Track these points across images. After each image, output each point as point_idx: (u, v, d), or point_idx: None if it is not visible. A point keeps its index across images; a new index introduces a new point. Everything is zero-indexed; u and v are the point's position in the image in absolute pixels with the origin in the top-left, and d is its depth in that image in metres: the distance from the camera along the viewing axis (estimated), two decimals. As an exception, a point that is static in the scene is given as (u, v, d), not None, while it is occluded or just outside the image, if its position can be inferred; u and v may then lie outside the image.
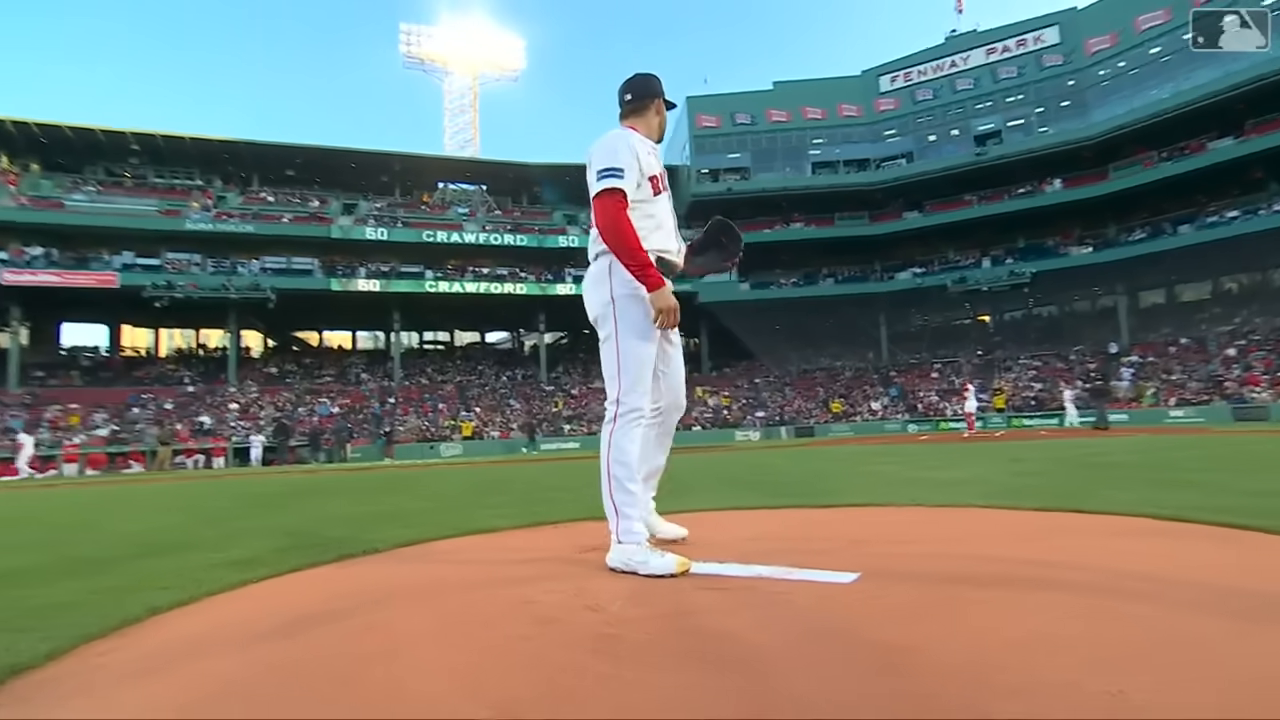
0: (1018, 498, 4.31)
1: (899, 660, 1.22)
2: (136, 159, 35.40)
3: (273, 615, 1.98)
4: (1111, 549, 2.43)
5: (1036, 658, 1.23)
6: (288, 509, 5.98)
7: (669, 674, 1.22)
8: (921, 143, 37.75)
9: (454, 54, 42.01)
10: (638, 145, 2.36)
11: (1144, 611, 1.49)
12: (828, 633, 1.37)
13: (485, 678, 1.27)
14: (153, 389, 30.88)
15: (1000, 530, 2.95)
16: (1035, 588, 1.75)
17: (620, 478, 2.26)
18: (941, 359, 36.95)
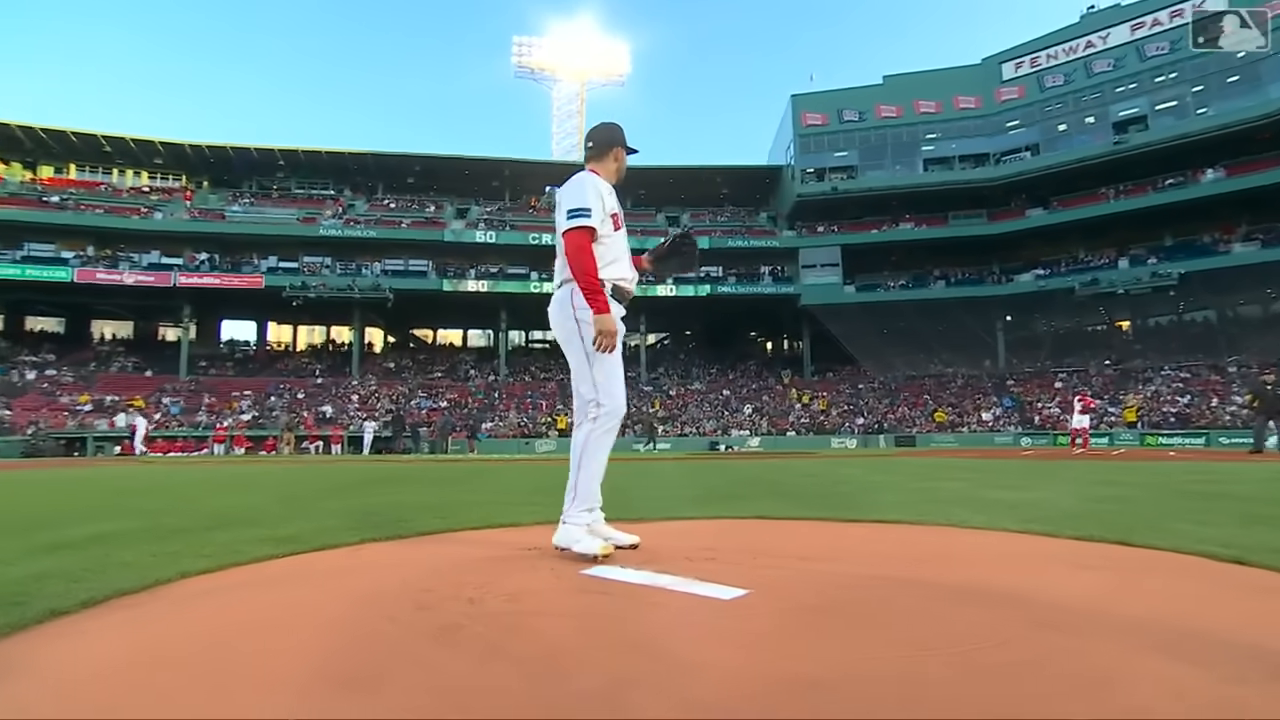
0: (1064, 525, 3.99)
1: (669, 674, 1.26)
2: (282, 172, 39.61)
3: (245, 585, 2.29)
4: (1072, 581, 2.26)
5: (790, 694, 1.22)
6: (359, 495, 6.56)
7: (464, 662, 1.35)
8: (1049, 133, 34.74)
9: (562, 62, 43.57)
10: (601, 187, 2.72)
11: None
12: (633, 644, 1.43)
13: (327, 652, 1.44)
14: (289, 380, 34.38)
15: (979, 555, 2.80)
16: (911, 616, 1.70)
17: (590, 471, 2.62)
18: (1067, 368, 33.84)
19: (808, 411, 33.68)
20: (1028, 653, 1.42)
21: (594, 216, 2.60)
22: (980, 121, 36.18)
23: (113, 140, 36.29)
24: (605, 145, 2.84)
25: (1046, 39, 34.86)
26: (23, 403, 28.74)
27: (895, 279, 37.82)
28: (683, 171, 39.75)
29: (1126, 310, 35.33)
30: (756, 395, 36.02)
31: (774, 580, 2.01)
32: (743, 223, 41.10)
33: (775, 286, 37.05)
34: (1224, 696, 1.25)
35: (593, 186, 2.66)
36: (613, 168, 2.85)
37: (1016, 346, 36.17)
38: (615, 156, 2.85)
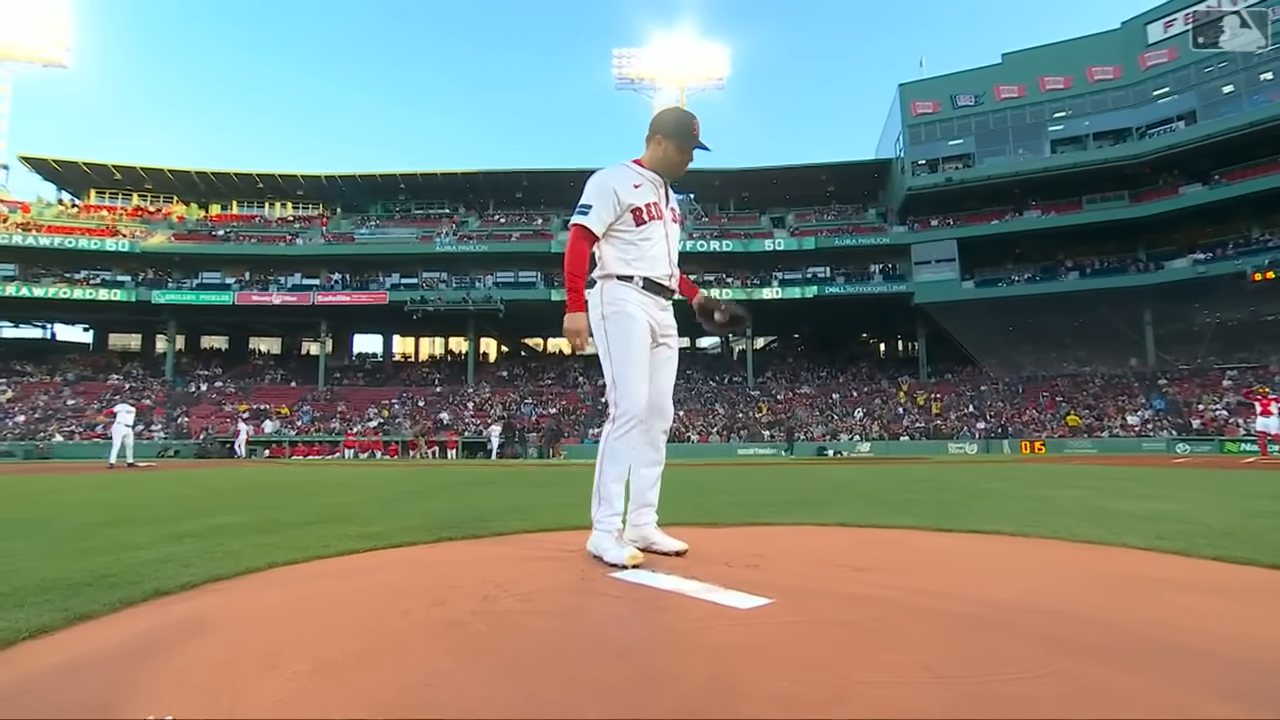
0: (1203, 542, 3.46)
1: (637, 683, 1.19)
2: (403, 195, 42.81)
3: (314, 576, 2.45)
4: (1175, 608, 1.93)
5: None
6: (453, 497, 6.89)
7: (449, 659, 1.36)
8: (1210, 97, 30.73)
9: (661, 70, 43.98)
10: (618, 182, 2.58)
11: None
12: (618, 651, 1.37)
13: (328, 641, 1.50)
14: (412, 389, 36.91)
15: (1068, 573, 2.47)
16: (944, 638, 1.50)
17: (610, 474, 2.56)
18: (1239, 364, 29.70)
19: (923, 415, 31.75)
20: (1067, 689, 1.21)
21: (593, 214, 2.52)
22: (1120, 93, 32.70)
23: (264, 177, 40.87)
24: (653, 132, 2.69)
25: (1201, -8, 30.94)
26: (197, 411, 32.83)
27: (1020, 272, 34.90)
28: (785, 171, 38.86)
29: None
30: (868, 399, 34.43)
31: (807, 590, 1.88)
32: (850, 220, 39.55)
33: (886, 285, 35.29)
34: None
35: (603, 183, 2.57)
36: (658, 155, 2.67)
37: (1170, 341, 32.22)
38: (659, 143, 2.66)
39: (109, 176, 40.53)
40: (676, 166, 2.69)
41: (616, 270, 2.60)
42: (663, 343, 2.71)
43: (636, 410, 2.52)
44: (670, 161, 2.68)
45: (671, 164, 2.68)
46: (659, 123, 2.69)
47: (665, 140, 2.65)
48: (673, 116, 2.72)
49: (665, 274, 2.67)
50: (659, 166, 2.68)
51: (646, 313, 2.59)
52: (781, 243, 36.91)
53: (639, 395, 2.53)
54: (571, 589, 2.01)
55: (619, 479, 2.54)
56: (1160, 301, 31.70)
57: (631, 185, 2.60)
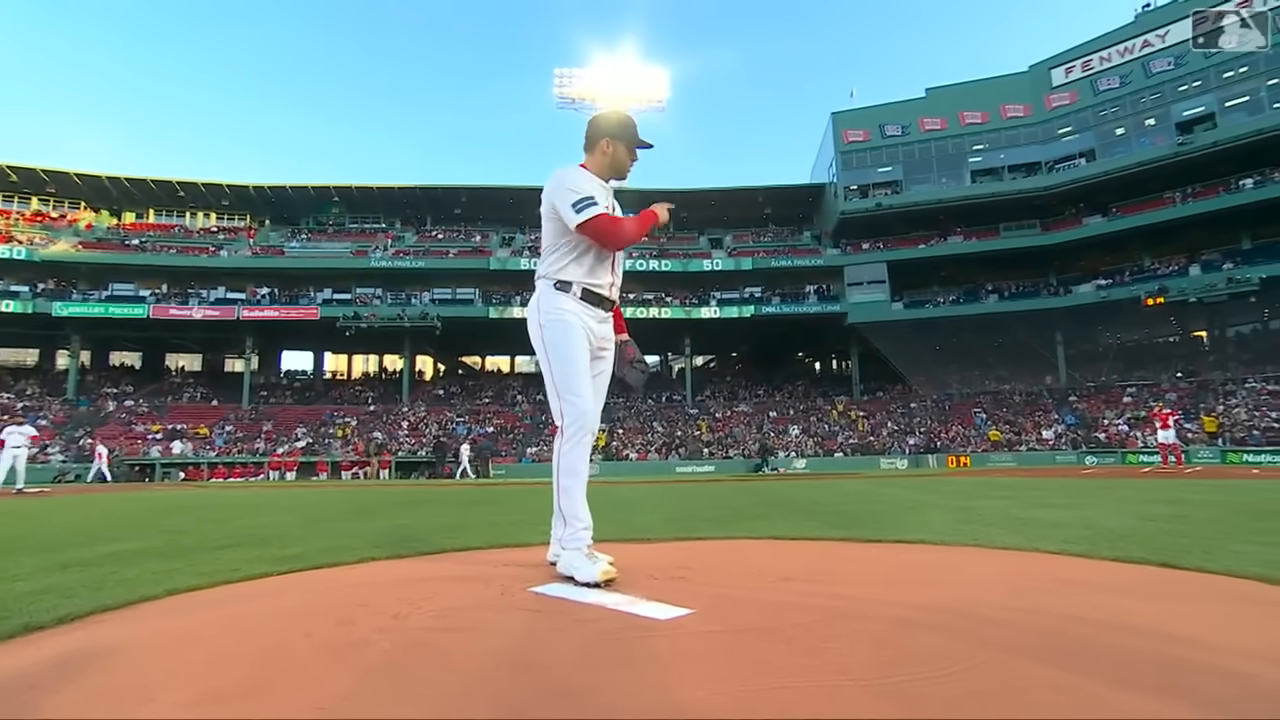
0: (1104, 545, 3.67)
1: (550, 693, 1.15)
2: (337, 208, 41.47)
3: (216, 601, 2.27)
4: (1076, 604, 2.02)
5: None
6: (382, 517, 6.61)
7: (345, 679, 1.28)
8: (1106, 138, 33.34)
9: (602, 90, 44.38)
10: (585, 178, 2.53)
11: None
12: (523, 664, 1.32)
13: (220, 667, 1.38)
14: (343, 408, 35.52)
15: (983, 577, 2.57)
16: (861, 641, 1.51)
17: (570, 489, 2.44)
18: (1137, 382, 31.96)
19: (856, 432, 32.73)
20: (982, 684, 1.24)
21: (599, 204, 2.43)
22: (1030, 130, 35.06)
23: (186, 185, 38.81)
24: (596, 136, 2.60)
25: (1098, 41, 33.65)
26: (103, 432, 30.54)
27: (945, 294, 36.67)
28: (724, 193, 39.73)
29: (1202, 319, 33.27)
30: (804, 416, 35.25)
31: (730, 600, 1.87)
32: (786, 242, 40.70)
33: (821, 305, 36.40)
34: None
35: (585, 177, 2.51)
36: (604, 161, 2.58)
37: (1079, 361, 34.42)
38: (606, 147, 2.57)
39: (3, 178, 37.58)
40: (625, 168, 2.62)
41: (556, 275, 2.51)
42: (599, 355, 2.64)
43: (586, 419, 2.44)
44: (620, 163, 2.60)
45: (621, 166, 2.61)
46: (603, 126, 2.61)
47: (614, 142, 2.58)
48: (617, 118, 2.64)
49: (607, 283, 2.58)
50: (607, 172, 2.60)
51: (583, 322, 2.50)
52: (720, 263, 37.61)
53: (586, 404, 2.45)
54: (489, 605, 1.93)
55: (579, 493, 2.44)
56: (1069, 323, 33.87)
57: (597, 186, 2.53)
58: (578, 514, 2.40)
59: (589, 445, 2.48)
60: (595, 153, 2.60)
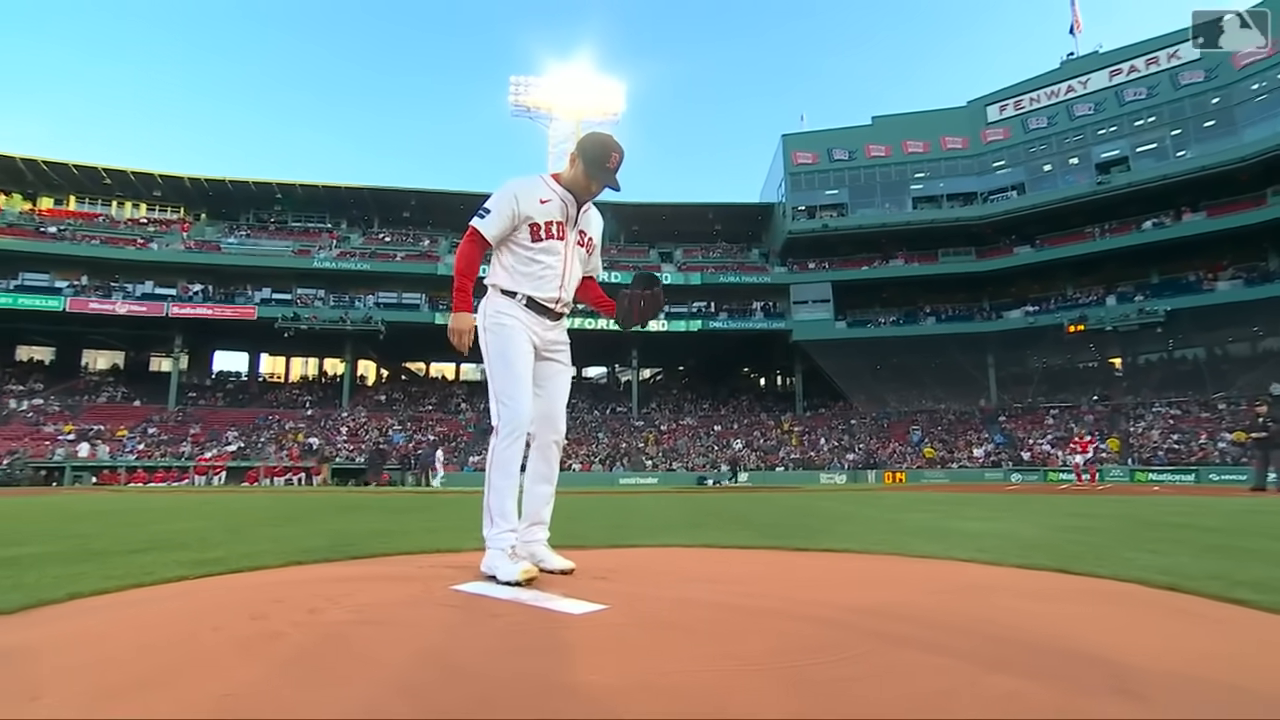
0: (1012, 554, 3.91)
1: (452, 678, 1.18)
2: (279, 206, 40.06)
3: (121, 604, 2.19)
4: (965, 603, 2.17)
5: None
6: (312, 522, 6.43)
7: (254, 669, 1.28)
8: (1035, 173, 35.36)
9: (558, 100, 44.47)
10: (524, 192, 2.53)
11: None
12: (430, 652, 1.36)
13: (129, 659, 1.36)
14: (279, 411, 34.18)
15: (891, 580, 2.72)
16: (760, 633, 1.61)
17: (499, 488, 2.43)
18: (1059, 404, 33.79)
19: (798, 447, 33.47)
20: (866, 668, 1.33)
21: (490, 220, 2.48)
22: (967, 161, 36.83)
23: (113, 173, 36.77)
24: (574, 152, 2.63)
25: (1029, 83, 35.74)
26: (6, 431, 28.49)
27: (886, 315, 38.00)
28: (676, 208, 40.25)
29: (1117, 347, 35.43)
30: (748, 430, 35.82)
31: (644, 598, 1.94)
32: (735, 259, 41.46)
33: (767, 322, 37.18)
34: (1052, 708, 1.17)
35: (506, 190, 2.52)
36: (570, 174, 2.59)
37: (1008, 383, 36.17)
38: (573, 161, 2.59)
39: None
40: (583, 190, 2.61)
41: (502, 283, 2.55)
42: (550, 357, 2.65)
43: (519, 421, 2.44)
44: (578, 183, 2.60)
45: (579, 186, 2.60)
46: (580, 142, 2.65)
47: (578, 160, 2.59)
48: (592, 140, 2.65)
49: (553, 298, 2.58)
50: (571, 186, 2.60)
51: (528, 328, 2.53)
52: (669, 277, 37.99)
53: (521, 406, 2.46)
54: (408, 601, 1.94)
55: (509, 494, 2.44)
56: (1000, 347, 35.59)
57: (538, 199, 2.54)
58: (506, 514, 2.41)
59: (521, 447, 2.48)
60: (568, 163, 2.64)
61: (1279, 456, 14.16)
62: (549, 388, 2.65)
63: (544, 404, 2.62)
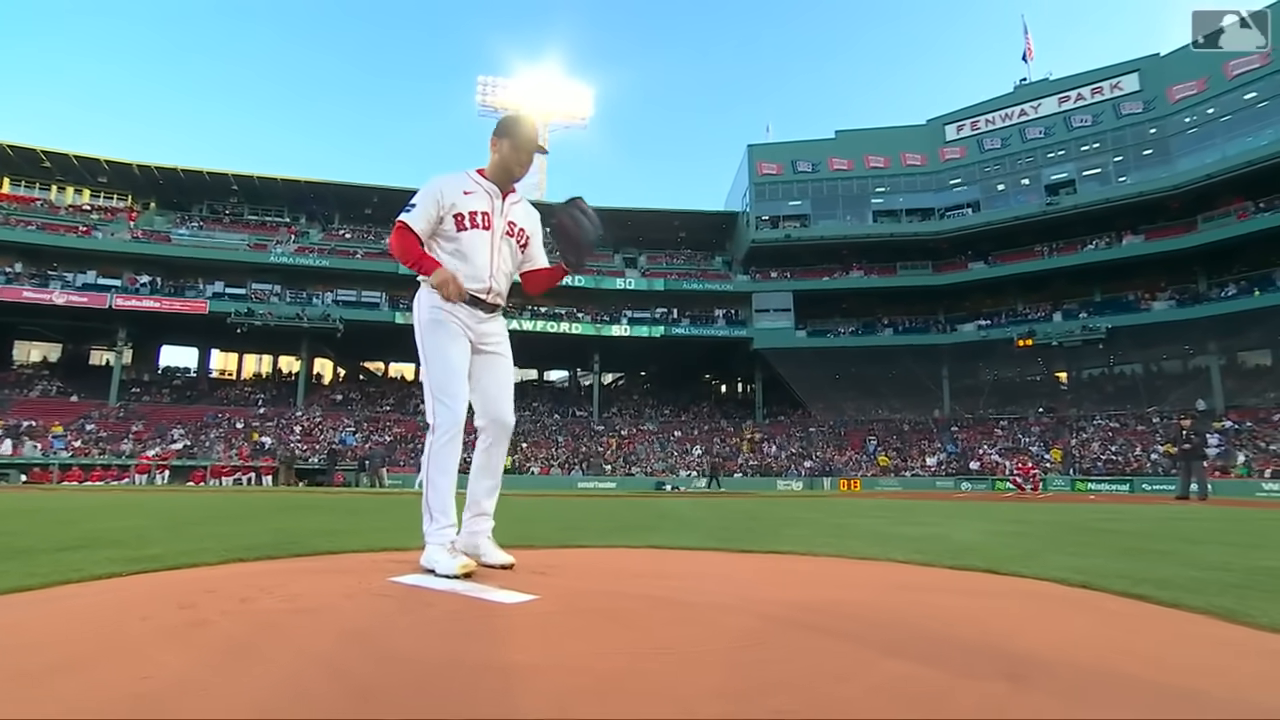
0: (946, 556, 4.08)
1: (378, 659, 1.22)
2: (235, 197, 38.90)
3: (44, 600, 2.15)
4: (886, 599, 2.29)
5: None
6: (258, 520, 6.29)
7: (176, 654, 1.29)
8: (989, 192, 36.61)
9: (525, 103, 44.30)
10: (447, 184, 2.58)
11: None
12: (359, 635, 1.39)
13: (46, 646, 1.36)
14: (229, 409, 33.12)
15: (824, 580, 2.83)
16: (682, 623, 1.68)
17: (438, 485, 2.44)
18: (1008, 415, 34.97)
19: (757, 454, 33.89)
20: (775, 652, 1.42)
21: (416, 212, 2.51)
22: (926, 178, 37.92)
23: (53, 156, 35.12)
24: (493, 134, 2.67)
25: (985, 105, 37.05)
26: (-71, 426, 26.98)
27: (845, 325, 38.79)
28: (641, 214, 40.42)
29: (1063, 362, 36.84)
30: (707, 437, 36.12)
31: (579, 590, 2.00)
32: (698, 266, 41.84)
33: (729, 329, 37.60)
34: (935, 689, 1.27)
35: (430, 183, 2.58)
36: (495, 160, 2.64)
37: (960, 394, 37.27)
38: (494, 145, 2.64)
39: None
40: (513, 166, 2.64)
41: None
42: (487, 349, 2.64)
43: (456, 418, 2.45)
44: (506, 162, 2.63)
45: (508, 164, 2.63)
46: (498, 125, 2.68)
47: (500, 140, 2.62)
48: (510, 117, 2.70)
49: (481, 288, 2.59)
50: (497, 172, 2.64)
51: (461, 321, 2.53)
52: (633, 282, 38.16)
53: (457, 403, 2.47)
54: (343, 592, 1.96)
55: (448, 490, 2.44)
56: (954, 359, 36.67)
57: (462, 190, 2.57)
58: (445, 510, 2.41)
59: (459, 444, 2.49)
60: (490, 152, 2.67)
61: (1200, 468, 15.06)
62: (490, 378, 2.66)
63: (488, 395, 2.63)
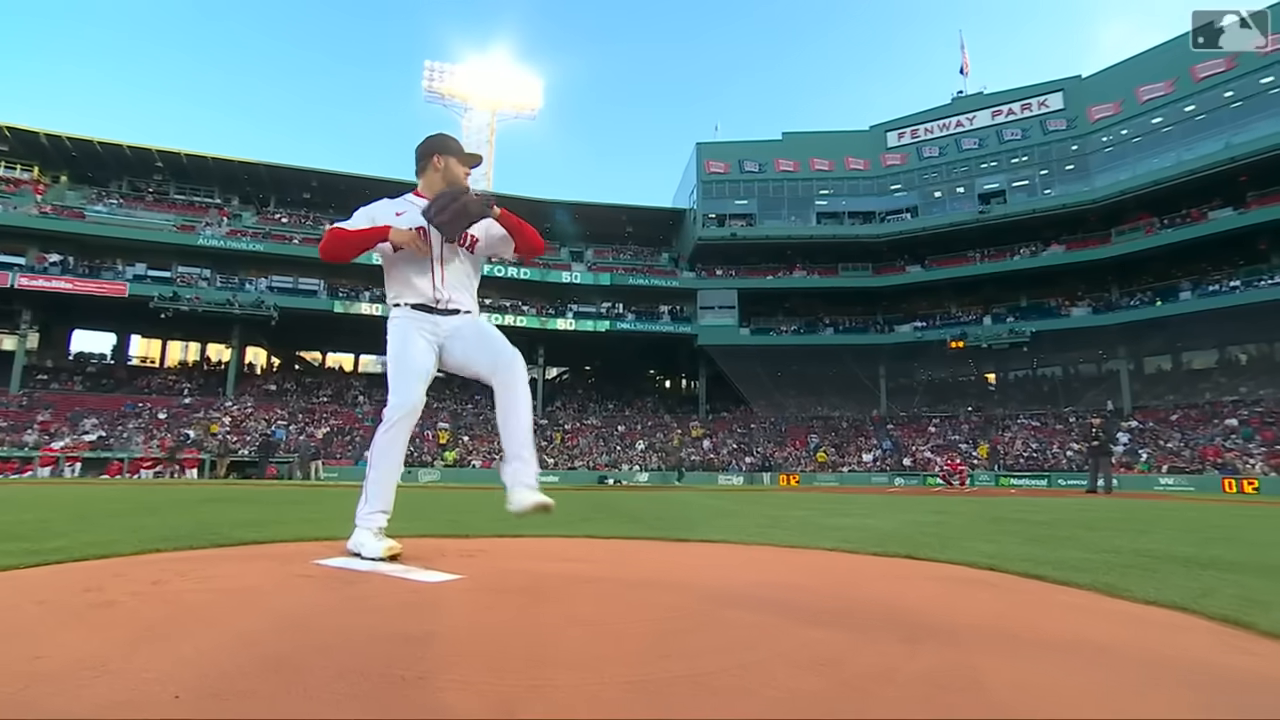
0: (869, 544, 4.26)
1: (281, 627, 1.23)
2: (160, 175, 36.75)
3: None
4: (807, 579, 2.40)
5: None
6: (180, 512, 6.02)
7: (75, 633, 1.25)
8: (926, 198, 38.02)
9: (474, 91, 43.46)
10: (378, 209, 2.74)
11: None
12: (272, 611, 1.39)
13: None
14: (150, 399, 31.37)
15: (747, 565, 2.94)
16: (595, 599, 1.74)
17: (378, 469, 2.55)
18: (940, 414, 36.51)
19: (699, 449, 34.34)
20: (686, 623, 1.48)
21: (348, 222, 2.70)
22: (868, 182, 39.08)
23: (-52, 121, 32.39)
24: (423, 156, 2.79)
25: (924, 114, 38.43)
26: None
27: (788, 324, 39.64)
28: (588, 208, 40.24)
29: (991, 363, 38.64)
30: (651, 432, 36.38)
31: (502, 571, 2.03)
32: (645, 262, 41.99)
33: (674, 325, 37.90)
34: (837, 652, 1.36)
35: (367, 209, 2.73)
36: (434, 178, 2.76)
37: (897, 393, 38.64)
38: (436, 165, 2.75)
39: None
40: (460, 180, 2.77)
41: (390, 299, 2.76)
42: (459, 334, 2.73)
43: (402, 408, 2.56)
44: (454, 176, 2.75)
45: (456, 178, 2.75)
46: (430, 144, 2.79)
47: (444, 157, 2.75)
48: (439, 137, 2.82)
49: (430, 298, 2.71)
50: (441, 187, 2.73)
51: (418, 327, 2.67)
52: (579, 276, 38.01)
53: (403, 397, 2.57)
54: (263, 574, 1.93)
55: (386, 477, 2.52)
56: (891, 359, 37.97)
57: (394, 212, 2.70)
58: (382, 495, 2.48)
59: (402, 433, 2.59)
60: (428, 171, 2.78)
61: (1107, 463, 16.29)
62: (473, 345, 2.76)
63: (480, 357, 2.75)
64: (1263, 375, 29.86)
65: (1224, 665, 1.40)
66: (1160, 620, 1.91)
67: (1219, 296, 28.91)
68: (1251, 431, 25.93)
